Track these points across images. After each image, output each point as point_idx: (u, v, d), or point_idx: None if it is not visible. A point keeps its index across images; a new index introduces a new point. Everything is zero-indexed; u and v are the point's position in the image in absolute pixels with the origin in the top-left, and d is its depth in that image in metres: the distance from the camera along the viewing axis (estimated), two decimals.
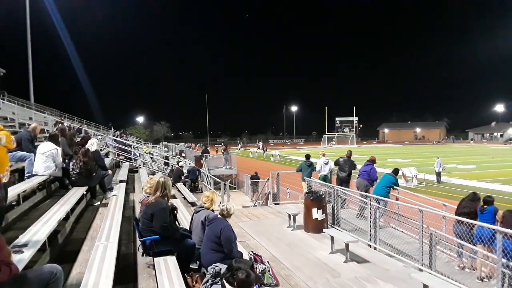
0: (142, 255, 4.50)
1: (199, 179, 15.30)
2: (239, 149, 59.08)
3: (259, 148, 56.99)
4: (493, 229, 5.17)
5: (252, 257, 4.76)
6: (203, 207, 5.09)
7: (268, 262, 4.85)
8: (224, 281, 3.28)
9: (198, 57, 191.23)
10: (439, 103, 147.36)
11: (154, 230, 4.30)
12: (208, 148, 27.18)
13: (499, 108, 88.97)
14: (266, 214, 10.53)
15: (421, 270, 6.02)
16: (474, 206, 6.81)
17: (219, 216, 4.69)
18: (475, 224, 6.05)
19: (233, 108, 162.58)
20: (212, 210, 5.08)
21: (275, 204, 12.24)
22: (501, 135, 78.05)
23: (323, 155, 12.60)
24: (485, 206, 6.64)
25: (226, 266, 3.64)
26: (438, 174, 21.89)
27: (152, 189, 4.65)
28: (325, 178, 11.66)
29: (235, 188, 22.94)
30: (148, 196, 4.89)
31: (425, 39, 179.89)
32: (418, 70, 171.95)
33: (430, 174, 22.91)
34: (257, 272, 4.48)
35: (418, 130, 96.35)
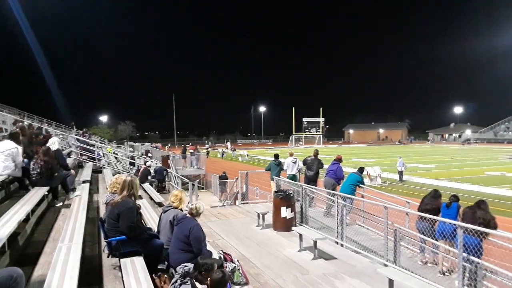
0: (108, 257, 4.36)
1: (166, 179, 15.03)
2: (207, 149, 58.63)
3: (227, 148, 56.83)
4: (455, 225, 5.40)
5: (222, 256, 4.73)
6: (171, 206, 4.99)
7: (237, 260, 4.83)
8: (194, 280, 3.22)
9: (165, 56, 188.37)
10: (401, 104, 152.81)
11: (120, 231, 4.17)
12: (187, 148, 26.76)
13: (458, 110, 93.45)
14: (235, 213, 10.50)
15: (386, 265, 6.20)
16: (435, 202, 7.10)
17: (188, 215, 4.62)
18: (437, 220, 6.30)
19: (201, 108, 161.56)
20: (181, 210, 4.99)
21: (244, 203, 12.24)
22: (459, 136, 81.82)
23: (291, 154, 12.69)
24: (451, 202, 6.93)
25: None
26: (401, 173, 22.65)
27: (119, 188, 4.51)
28: (293, 178, 11.77)
29: (203, 188, 22.75)
30: (114, 196, 4.74)
31: (388, 44, 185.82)
32: (382, 73, 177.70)
33: (393, 173, 23.67)
34: (227, 271, 4.46)
35: (381, 130, 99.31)
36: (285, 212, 8.30)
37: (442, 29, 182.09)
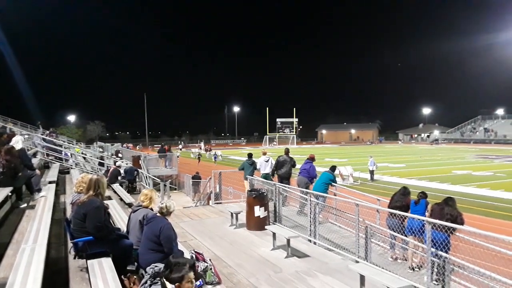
0: (74, 258, 4.20)
1: (137, 179, 14.71)
2: (181, 149, 58.20)
3: (200, 148, 56.43)
4: (423, 220, 5.52)
5: (194, 256, 4.65)
6: (141, 206, 4.86)
7: (210, 260, 4.76)
8: (164, 279, 3.13)
9: (136, 54, 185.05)
10: (372, 105, 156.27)
11: (87, 231, 4.02)
12: (165, 148, 26.29)
13: (426, 111, 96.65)
14: (208, 213, 10.40)
15: (357, 262, 6.27)
16: (405, 200, 7.27)
17: (158, 214, 4.50)
18: (407, 217, 6.44)
19: (174, 108, 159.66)
20: (151, 209, 4.87)
21: (217, 203, 12.14)
22: (428, 136, 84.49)
23: (264, 153, 12.75)
24: (419, 199, 7.10)
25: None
26: (372, 173, 23.13)
27: (85, 188, 4.35)
28: (266, 177, 11.78)
29: (176, 189, 22.46)
30: (80, 195, 4.57)
31: (359, 46, 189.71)
32: (353, 74, 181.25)
33: (364, 173, 24.17)
34: (199, 271, 4.38)
35: (353, 131, 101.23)
36: (259, 211, 8.28)
37: (411, 32, 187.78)
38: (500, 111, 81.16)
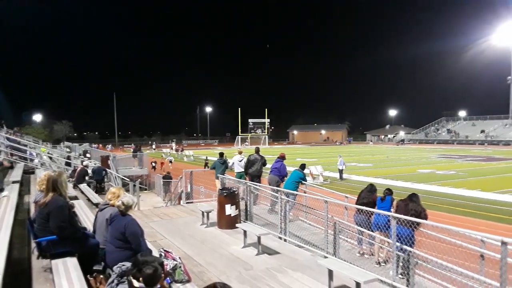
0: (38, 258, 4.07)
1: (105, 179, 14.38)
2: (154, 149, 57.43)
3: (171, 148, 55.72)
4: (388, 216, 5.71)
5: (163, 254, 4.60)
6: (108, 204, 4.76)
7: (179, 258, 4.73)
8: (131, 277, 3.09)
9: (106, 52, 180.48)
10: (341, 107, 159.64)
11: (51, 230, 3.91)
12: (140, 147, 25.69)
13: (392, 112, 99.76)
14: (178, 213, 10.30)
15: (326, 257, 6.40)
16: (371, 196, 7.48)
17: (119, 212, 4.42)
18: (373, 213, 6.64)
19: (144, 108, 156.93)
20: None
21: (189, 203, 12.04)
22: (394, 137, 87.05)
23: (240, 153, 12.84)
24: (385, 196, 7.33)
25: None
26: (341, 172, 23.60)
27: (45, 186, 4.22)
28: (241, 176, 11.80)
29: (146, 189, 22.09)
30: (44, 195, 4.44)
31: (329, 49, 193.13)
32: (323, 76, 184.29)
33: (334, 172, 24.62)
34: (168, 269, 4.34)
35: (323, 132, 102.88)
36: (230, 210, 8.29)
37: (379, 36, 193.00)
38: (462, 113, 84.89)
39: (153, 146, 63.76)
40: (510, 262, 4.47)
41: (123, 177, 14.15)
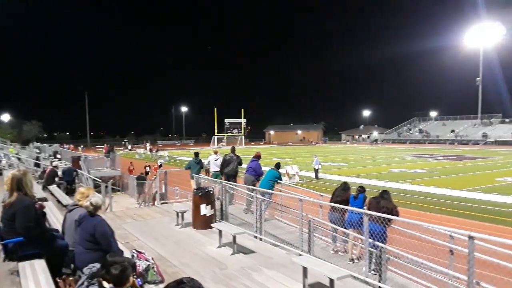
0: (4, 261, 3.91)
1: (76, 181, 13.98)
2: (130, 150, 56.47)
3: (145, 149, 54.90)
4: (361, 213, 5.80)
5: (135, 255, 4.51)
6: (77, 205, 4.62)
7: (152, 258, 4.65)
8: (101, 279, 3.00)
9: (78, 50, 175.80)
10: (317, 107, 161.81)
11: (17, 232, 3.76)
12: (113, 148, 25.04)
13: (366, 113, 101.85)
14: (152, 214, 10.12)
15: (301, 255, 6.44)
16: (345, 194, 7.58)
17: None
18: (347, 210, 6.73)
19: (118, 108, 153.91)
20: None
21: (163, 203, 11.87)
22: (368, 137, 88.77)
23: (216, 152, 12.81)
24: (358, 194, 7.43)
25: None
26: (316, 171, 23.85)
27: (9, 186, 4.06)
28: (217, 175, 11.73)
29: (119, 191, 21.63)
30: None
31: (305, 49, 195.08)
32: (299, 77, 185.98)
33: (309, 172, 24.86)
34: (140, 270, 4.26)
35: (299, 132, 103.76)
36: (205, 210, 8.21)
37: (354, 37, 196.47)
38: (433, 114, 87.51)
39: (129, 147, 62.64)
40: (478, 256, 4.62)
41: (95, 178, 13.79)
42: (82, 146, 65.93)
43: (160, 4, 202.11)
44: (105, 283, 2.99)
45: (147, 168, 25.97)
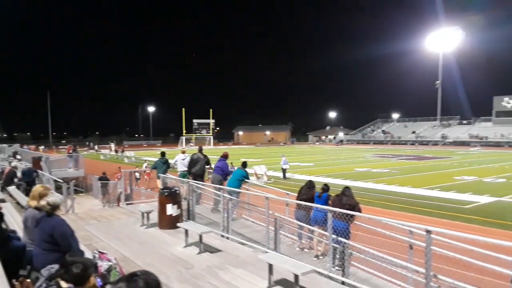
0: None
1: (36, 181, 13.42)
2: (96, 150, 54.76)
3: (110, 149, 53.51)
4: (325, 210, 5.93)
5: (97, 255, 4.40)
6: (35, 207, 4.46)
7: (115, 259, 4.54)
8: (59, 279, 2.91)
9: (39, 48, 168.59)
10: (285, 108, 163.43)
11: None
12: (76, 148, 24.07)
13: (332, 114, 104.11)
14: (117, 215, 9.89)
15: (267, 253, 6.50)
16: (310, 193, 7.72)
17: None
18: (312, 208, 6.85)
19: (81, 107, 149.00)
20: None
21: (129, 204, 11.62)
22: (334, 138, 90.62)
23: (183, 152, 12.69)
24: (322, 192, 7.59)
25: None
26: (284, 171, 24.10)
27: None
28: (184, 175, 11.61)
29: (83, 192, 20.94)
30: None
31: (273, 51, 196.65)
32: (268, 78, 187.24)
33: (277, 172, 25.08)
34: (102, 271, 4.16)
35: (268, 132, 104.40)
36: (171, 209, 8.12)
37: (322, 40, 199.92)
38: (395, 115, 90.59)
39: (95, 147, 60.78)
40: (437, 251, 4.84)
41: (56, 179, 13.28)
42: (43, 146, 63.36)
43: (127, 1, 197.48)
44: (63, 283, 2.91)
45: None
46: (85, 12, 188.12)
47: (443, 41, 71.02)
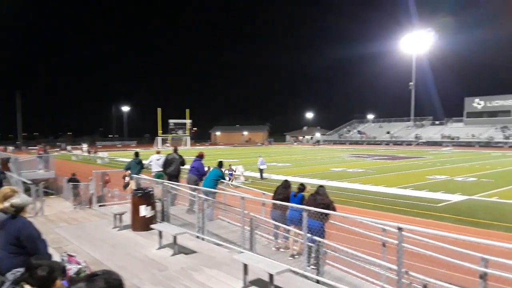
0: None
1: (3, 183, 12.90)
2: (69, 151, 53.32)
3: (82, 150, 52.28)
4: (301, 209, 5.93)
5: (65, 258, 4.24)
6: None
7: (85, 262, 4.39)
8: (24, 283, 2.78)
9: (6, 45, 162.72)
10: (263, 108, 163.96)
11: None
12: (46, 149, 23.34)
13: (309, 115, 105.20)
14: (88, 217, 9.63)
15: (242, 253, 6.45)
16: (286, 192, 7.72)
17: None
18: (288, 207, 6.85)
19: (53, 108, 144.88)
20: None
21: (101, 206, 11.33)
22: (311, 138, 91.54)
23: (158, 152, 12.48)
24: (298, 192, 7.60)
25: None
26: (261, 171, 24.11)
27: None
28: (159, 176, 11.41)
29: (53, 194, 20.31)
30: None
31: (251, 51, 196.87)
32: (245, 78, 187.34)
33: (255, 172, 25.06)
34: (71, 274, 4.01)
35: (245, 133, 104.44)
36: (144, 211, 7.96)
37: (299, 42, 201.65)
38: (370, 116, 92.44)
39: (68, 148, 59.19)
40: (407, 247, 4.92)
41: (25, 181, 12.82)
42: (12, 147, 61.23)
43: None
44: (28, 287, 2.78)
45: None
46: (52, 6, 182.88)
47: (416, 43, 72.83)
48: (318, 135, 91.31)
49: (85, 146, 56.44)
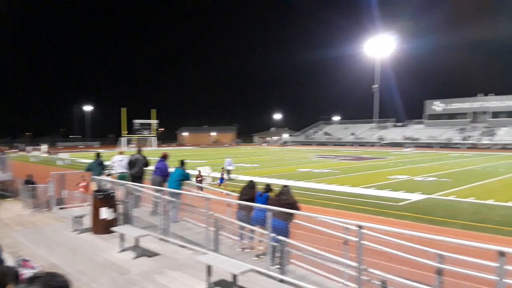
0: None
1: None
2: (28, 152, 50.94)
3: (40, 151, 50.17)
4: (265, 209, 5.96)
5: (20, 263, 4.06)
6: None
7: (41, 266, 4.22)
8: None
9: None
10: (231, 109, 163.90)
11: None
12: (2, 150, 22.06)
13: (277, 116, 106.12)
14: (47, 220, 9.27)
15: (206, 254, 6.40)
16: (251, 192, 7.74)
17: None
18: (253, 207, 6.87)
19: (11, 107, 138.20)
20: None
21: (61, 208, 10.92)
22: (279, 139, 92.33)
23: (121, 153, 12.15)
24: (264, 192, 7.64)
25: None
26: (228, 172, 24.03)
27: None
28: (123, 177, 11.10)
29: (10, 197, 19.34)
30: None
31: (218, 52, 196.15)
32: (213, 79, 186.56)
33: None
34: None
35: (213, 133, 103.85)
36: (106, 213, 7.74)
37: (268, 44, 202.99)
38: (336, 118, 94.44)
39: (28, 149, 56.54)
40: (366, 245, 5.05)
41: None
42: None
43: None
44: None
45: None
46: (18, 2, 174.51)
47: (379, 47, 75.11)
48: (285, 136, 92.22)
49: (44, 147, 54.08)
